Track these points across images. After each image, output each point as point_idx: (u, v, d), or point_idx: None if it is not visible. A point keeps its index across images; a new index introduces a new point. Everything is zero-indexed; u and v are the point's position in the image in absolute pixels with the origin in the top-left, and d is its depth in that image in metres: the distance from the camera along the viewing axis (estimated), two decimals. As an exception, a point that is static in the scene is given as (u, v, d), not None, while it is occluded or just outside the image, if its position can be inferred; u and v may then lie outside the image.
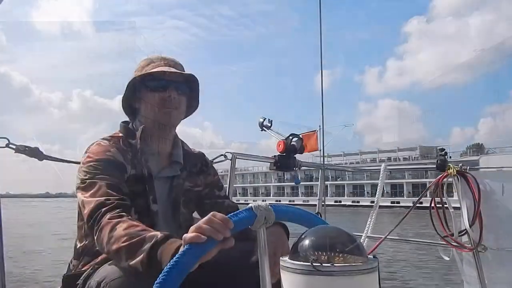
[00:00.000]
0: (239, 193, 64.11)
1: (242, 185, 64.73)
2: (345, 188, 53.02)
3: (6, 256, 1.34)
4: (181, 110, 1.34)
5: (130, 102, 1.34)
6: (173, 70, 1.30)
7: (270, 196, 57.64)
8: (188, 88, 1.36)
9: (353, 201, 49.76)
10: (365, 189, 51.89)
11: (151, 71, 1.29)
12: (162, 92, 1.28)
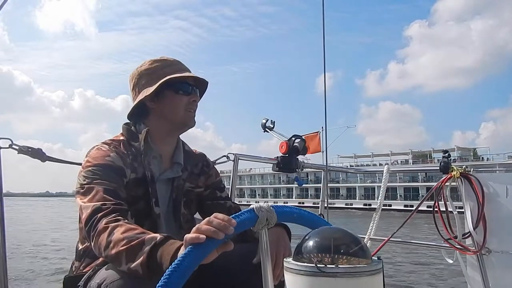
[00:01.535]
0: (258, 195, 64.12)
1: (264, 186, 64.62)
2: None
3: (8, 256, 1.35)
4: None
5: (147, 102, 1.33)
6: (200, 77, 1.37)
7: (292, 198, 57.03)
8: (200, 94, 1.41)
9: (284, 202, 50.06)
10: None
11: (185, 75, 1.33)
12: (188, 95, 1.33)
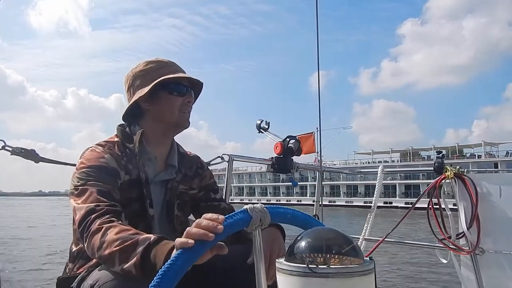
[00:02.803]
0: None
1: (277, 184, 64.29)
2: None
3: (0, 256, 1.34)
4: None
5: (141, 103, 1.32)
6: (194, 77, 1.36)
7: (307, 196, 56.44)
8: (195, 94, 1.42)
9: (298, 200, 50.74)
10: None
11: (179, 75, 1.33)
12: (182, 96, 1.33)
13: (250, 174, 66.46)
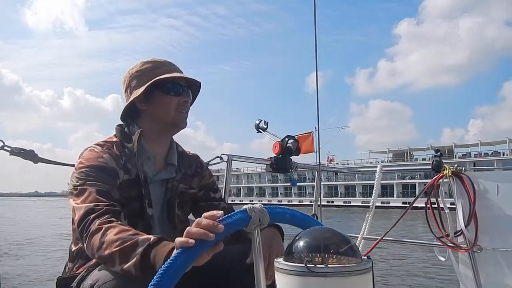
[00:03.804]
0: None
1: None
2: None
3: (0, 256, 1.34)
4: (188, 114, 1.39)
5: (138, 103, 1.33)
6: (191, 77, 1.36)
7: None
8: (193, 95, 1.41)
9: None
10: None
11: (174, 75, 1.32)
12: (179, 96, 1.33)
13: (260, 175, 65.71)
